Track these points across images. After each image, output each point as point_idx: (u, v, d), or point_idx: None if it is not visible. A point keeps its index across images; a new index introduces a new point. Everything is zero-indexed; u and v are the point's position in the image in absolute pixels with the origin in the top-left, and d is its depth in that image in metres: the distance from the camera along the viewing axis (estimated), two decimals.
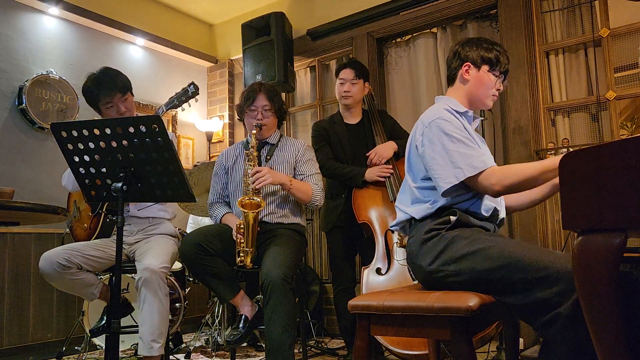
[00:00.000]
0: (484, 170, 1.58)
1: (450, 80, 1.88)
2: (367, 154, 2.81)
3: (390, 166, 2.75)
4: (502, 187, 1.57)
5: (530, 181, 1.56)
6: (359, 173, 2.76)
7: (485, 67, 1.80)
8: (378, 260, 2.61)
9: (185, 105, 2.57)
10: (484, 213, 1.71)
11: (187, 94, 2.55)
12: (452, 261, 1.57)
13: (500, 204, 1.81)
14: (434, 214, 1.69)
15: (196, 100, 2.59)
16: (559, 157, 1.50)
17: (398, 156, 2.80)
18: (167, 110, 2.56)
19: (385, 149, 2.79)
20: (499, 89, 1.84)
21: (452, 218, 1.63)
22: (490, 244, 1.52)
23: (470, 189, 1.66)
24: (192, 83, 2.56)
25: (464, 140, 1.64)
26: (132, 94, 2.53)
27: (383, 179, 2.73)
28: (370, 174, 2.74)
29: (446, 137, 1.64)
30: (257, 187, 2.32)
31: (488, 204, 1.73)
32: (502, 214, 1.82)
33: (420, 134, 1.73)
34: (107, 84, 2.40)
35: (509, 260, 1.45)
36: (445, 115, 1.69)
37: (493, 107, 3.44)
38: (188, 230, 3.83)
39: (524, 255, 1.44)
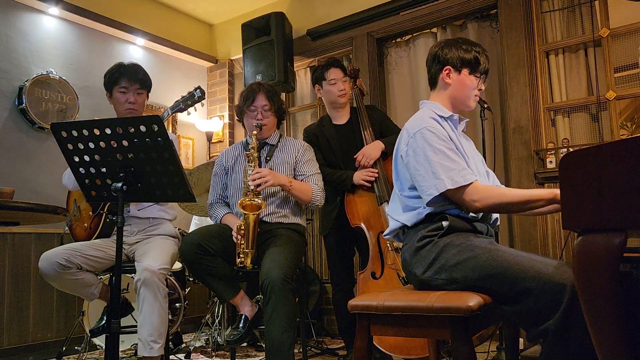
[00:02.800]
0: (465, 185, 1.59)
1: (432, 84, 1.87)
2: (354, 156, 2.78)
3: (376, 170, 2.72)
4: (483, 206, 1.58)
5: (513, 206, 1.59)
6: (347, 177, 2.75)
7: (465, 70, 1.79)
8: (371, 264, 2.60)
9: (190, 109, 2.60)
10: (474, 215, 1.70)
11: (193, 98, 2.58)
12: (443, 270, 1.57)
13: None
14: (425, 219, 1.68)
15: (202, 105, 2.62)
16: (546, 190, 1.53)
17: (386, 155, 2.77)
18: (172, 113, 2.59)
19: (372, 149, 2.75)
20: (480, 89, 1.84)
21: (444, 223, 1.63)
22: (479, 252, 1.52)
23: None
24: (199, 87, 2.59)
25: (447, 152, 1.63)
26: (147, 96, 2.59)
27: (369, 184, 2.71)
28: (357, 177, 2.72)
29: (429, 148, 1.64)
30: (258, 189, 2.32)
31: None
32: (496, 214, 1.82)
33: (405, 143, 1.72)
34: (133, 73, 2.50)
35: (497, 270, 1.45)
36: (431, 125, 1.68)
37: (493, 107, 3.47)
38: (191, 230, 3.82)
39: (512, 264, 1.43)
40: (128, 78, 2.48)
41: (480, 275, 1.49)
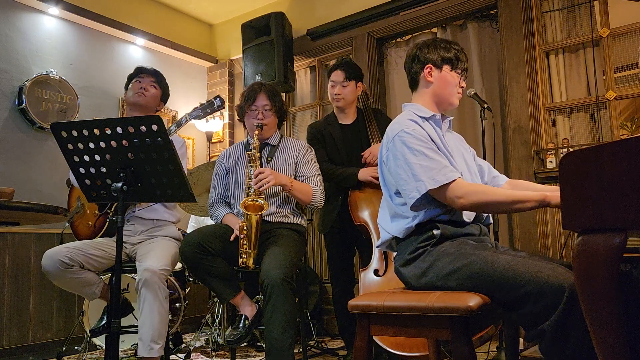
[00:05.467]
0: (448, 183, 1.56)
1: (413, 85, 1.87)
2: (362, 154, 2.79)
3: None
4: (468, 202, 1.55)
5: (499, 205, 1.55)
6: (352, 174, 2.74)
7: (446, 67, 1.79)
8: (375, 262, 2.60)
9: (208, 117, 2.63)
10: (466, 219, 1.69)
11: (212, 107, 2.61)
12: (438, 279, 1.56)
13: None
14: (415, 231, 1.66)
15: (221, 114, 2.64)
16: (535, 193, 1.50)
17: None
18: (190, 119, 2.62)
19: (379, 149, 2.76)
20: (462, 86, 1.84)
21: (436, 232, 1.61)
22: (473, 260, 1.50)
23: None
24: (219, 96, 2.63)
25: (426, 153, 1.61)
26: (162, 98, 2.67)
27: (377, 181, 2.71)
28: (364, 174, 2.72)
29: (408, 151, 1.62)
30: (260, 190, 2.32)
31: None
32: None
33: (386, 148, 1.72)
34: (150, 69, 2.67)
35: (493, 277, 1.44)
36: (408, 127, 1.67)
37: (493, 107, 3.46)
38: (189, 231, 3.82)
39: (507, 270, 1.42)
40: (145, 72, 2.63)
41: (476, 283, 1.48)
